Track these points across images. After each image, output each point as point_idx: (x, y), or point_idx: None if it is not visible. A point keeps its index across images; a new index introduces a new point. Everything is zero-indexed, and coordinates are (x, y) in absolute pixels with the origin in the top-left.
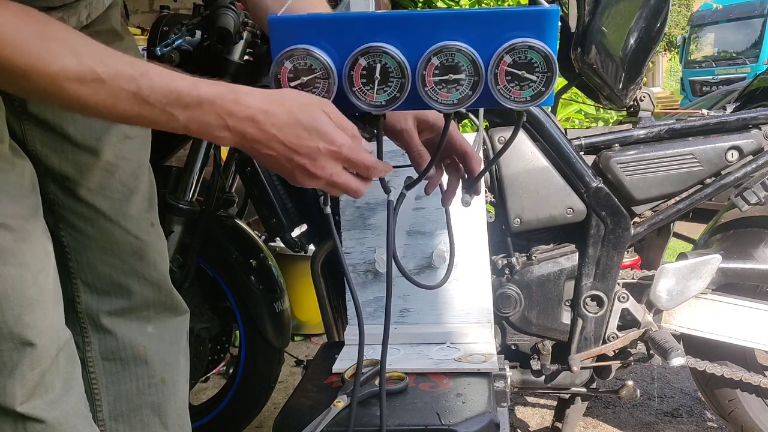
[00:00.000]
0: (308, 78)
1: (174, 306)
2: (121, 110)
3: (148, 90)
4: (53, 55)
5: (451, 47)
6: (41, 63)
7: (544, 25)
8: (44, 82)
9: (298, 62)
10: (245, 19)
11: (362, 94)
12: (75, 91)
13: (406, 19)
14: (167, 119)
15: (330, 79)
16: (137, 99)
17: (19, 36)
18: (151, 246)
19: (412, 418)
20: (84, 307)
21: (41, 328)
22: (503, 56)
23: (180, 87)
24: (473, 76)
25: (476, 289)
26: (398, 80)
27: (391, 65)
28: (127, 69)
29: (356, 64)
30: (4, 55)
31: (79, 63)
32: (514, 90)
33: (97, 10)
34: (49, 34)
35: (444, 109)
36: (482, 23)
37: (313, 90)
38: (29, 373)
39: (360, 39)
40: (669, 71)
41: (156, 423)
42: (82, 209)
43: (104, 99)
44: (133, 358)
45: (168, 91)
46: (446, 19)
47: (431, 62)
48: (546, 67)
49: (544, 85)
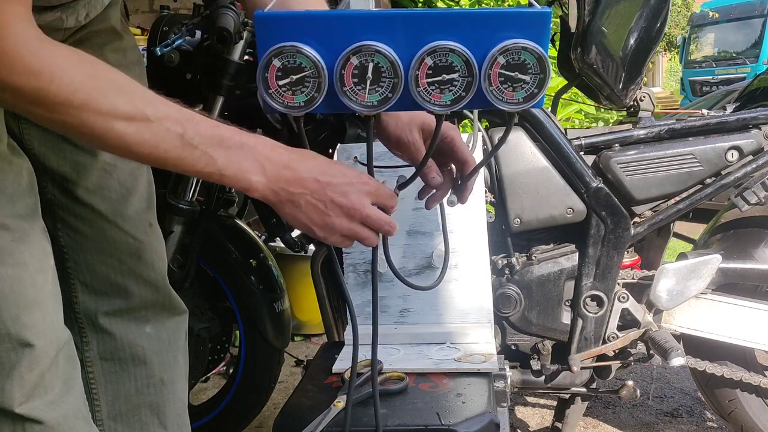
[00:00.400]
0: (297, 77)
1: (172, 306)
2: (163, 151)
3: (193, 132)
4: (104, 94)
5: (445, 47)
6: (94, 101)
7: (537, 27)
8: (95, 120)
9: (287, 60)
10: (245, 19)
11: (353, 94)
12: (122, 129)
13: (398, 18)
14: (206, 162)
15: (320, 77)
16: (182, 141)
17: (72, 73)
18: (149, 247)
19: (412, 418)
20: (82, 308)
21: (40, 328)
22: (497, 57)
23: (223, 132)
24: (467, 77)
25: (476, 289)
26: (390, 80)
27: (384, 65)
28: (175, 113)
29: (348, 63)
30: (62, 91)
31: (129, 103)
32: (507, 91)
33: (95, 9)
34: (99, 74)
35: (437, 110)
36: (474, 24)
37: (302, 89)
38: (28, 374)
39: (350, 37)
40: (669, 71)
41: (155, 423)
42: (79, 210)
43: (148, 139)
44: (131, 358)
45: (212, 134)
46: (439, 19)
47: (425, 62)
48: (539, 68)
49: (537, 87)
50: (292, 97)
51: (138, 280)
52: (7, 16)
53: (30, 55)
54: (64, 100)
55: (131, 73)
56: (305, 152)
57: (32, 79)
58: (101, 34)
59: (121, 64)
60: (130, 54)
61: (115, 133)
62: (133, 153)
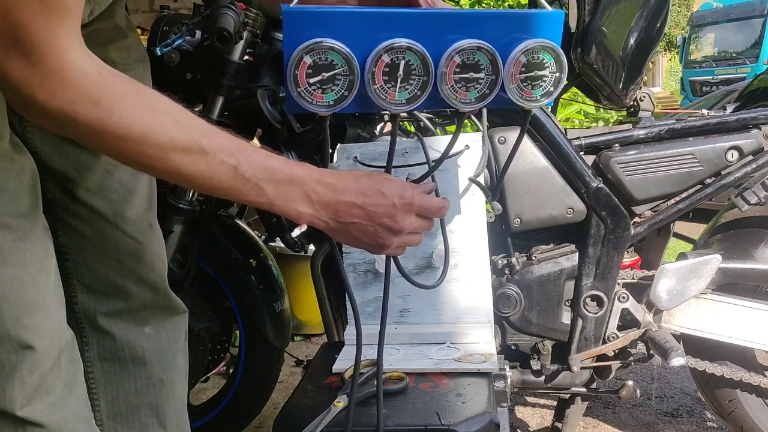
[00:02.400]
0: (329, 74)
1: (172, 307)
2: (217, 181)
3: (246, 165)
4: (163, 125)
5: (473, 46)
6: (153, 132)
7: (551, 27)
8: (153, 152)
9: (319, 57)
10: (245, 19)
11: (383, 93)
12: (179, 161)
13: (425, 16)
14: (257, 193)
15: (353, 75)
16: (235, 173)
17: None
18: (148, 248)
19: (412, 418)
20: (81, 308)
21: (41, 330)
22: (519, 57)
23: (274, 164)
24: (491, 75)
25: (476, 289)
26: (420, 78)
27: (414, 63)
28: (229, 144)
29: (380, 61)
30: (122, 123)
31: (186, 136)
32: (526, 89)
33: (99, 6)
34: (156, 105)
35: (464, 107)
36: (496, 24)
37: (332, 87)
38: (29, 377)
39: (378, 35)
40: (669, 71)
41: (154, 423)
42: (80, 210)
43: (203, 170)
44: (131, 358)
45: (264, 167)
46: (464, 19)
47: (453, 60)
48: (556, 67)
49: (554, 85)
50: (322, 95)
51: (137, 282)
52: (64, 42)
53: (90, 84)
54: (123, 133)
55: (135, 72)
56: (343, 175)
57: (93, 108)
58: (106, 32)
59: (124, 63)
60: (134, 52)
61: (172, 165)
62: (188, 182)
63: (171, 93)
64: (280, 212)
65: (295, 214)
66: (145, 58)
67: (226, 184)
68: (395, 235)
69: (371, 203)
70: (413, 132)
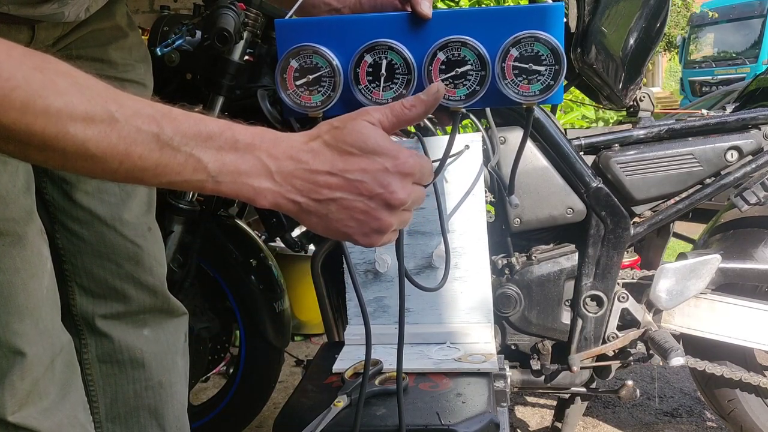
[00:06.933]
0: (314, 76)
1: (170, 310)
2: (136, 157)
3: (171, 130)
4: (56, 89)
5: (457, 41)
6: (41, 97)
7: (551, 21)
8: (44, 122)
9: (304, 60)
10: (245, 19)
11: (368, 92)
12: (82, 134)
13: (411, 18)
14: (194, 167)
15: (336, 77)
16: (158, 142)
17: (12, 65)
18: (147, 251)
19: (412, 418)
20: (79, 311)
21: (32, 336)
22: (509, 49)
23: (212, 128)
24: (480, 71)
25: (476, 289)
26: (404, 77)
27: (397, 61)
28: (147, 109)
29: (362, 61)
30: (2, 88)
31: (88, 100)
32: (522, 84)
33: (97, 3)
34: (48, 66)
35: (452, 105)
36: (488, 20)
37: (318, 89)
38: (19, 383)
39: (364, 38)
40: (669, 71)
41: (153, 425)
42: (78, 213)
43: (116, 144)
44: (130, 361)
45: (197, 132)
46: (452, 18)
47: (437, 57)
48: (554, 59)
49: (553, 78)
50: (309, 97)
51: (136, 285)
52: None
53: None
54: (2, 100)
55: (136, 72)
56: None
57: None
58: (105, 31)
59: (125, 63)
60: (136, 52)
61: (73, 140)
62: (100, 164)
63: (171, 93)
64: (231, 194)
65: (250, 192)
66: (147, 58)
67: (150, 161)
68: (392, 212)
69: (354, 168)
70: (413, 132)
